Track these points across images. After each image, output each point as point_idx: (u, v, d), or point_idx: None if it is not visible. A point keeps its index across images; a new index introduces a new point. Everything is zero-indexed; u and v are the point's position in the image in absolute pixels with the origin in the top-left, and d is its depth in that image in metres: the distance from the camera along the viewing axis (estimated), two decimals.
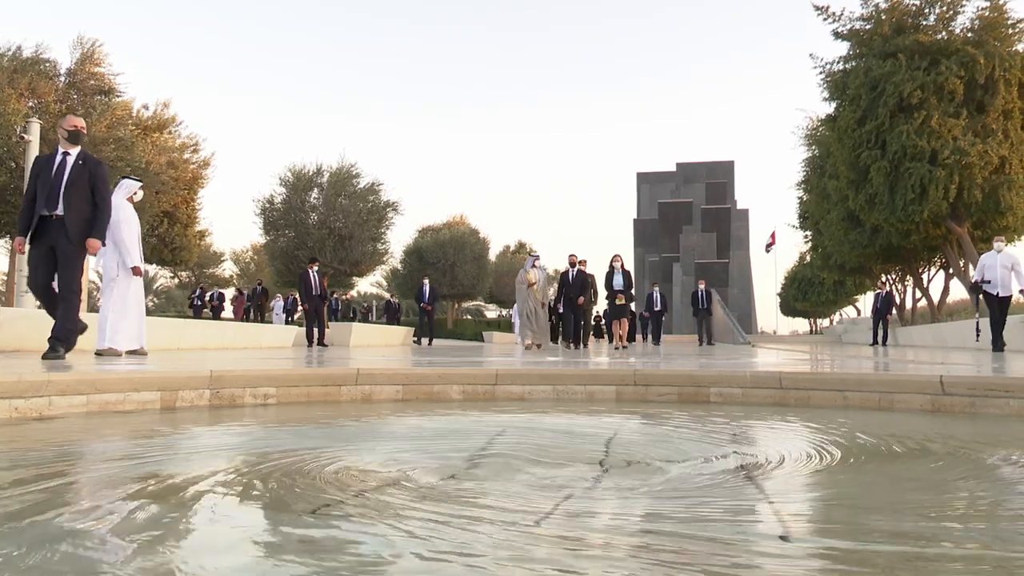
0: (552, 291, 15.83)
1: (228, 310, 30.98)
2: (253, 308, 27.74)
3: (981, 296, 11.94)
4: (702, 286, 21.27)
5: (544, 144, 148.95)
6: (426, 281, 20.83)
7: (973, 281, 12.05)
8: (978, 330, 13.20)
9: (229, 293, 33.76)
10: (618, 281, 14.52)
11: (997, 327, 11.60)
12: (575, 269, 14.57)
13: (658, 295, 23.34)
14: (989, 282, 11.57)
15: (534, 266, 14.70)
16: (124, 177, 8.05)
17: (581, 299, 14.49)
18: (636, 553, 1.46)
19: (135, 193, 7.75)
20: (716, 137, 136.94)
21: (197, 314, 28.09)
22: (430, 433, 3.40)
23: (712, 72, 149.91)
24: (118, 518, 1.70)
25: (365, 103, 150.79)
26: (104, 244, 6.43)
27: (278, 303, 28.36)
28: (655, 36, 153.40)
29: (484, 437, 3.06)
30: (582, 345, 14.91)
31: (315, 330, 16.24)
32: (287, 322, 28.19)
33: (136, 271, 7.57)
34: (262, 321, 26.03)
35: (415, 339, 20.72)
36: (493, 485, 2.10)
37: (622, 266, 14.72)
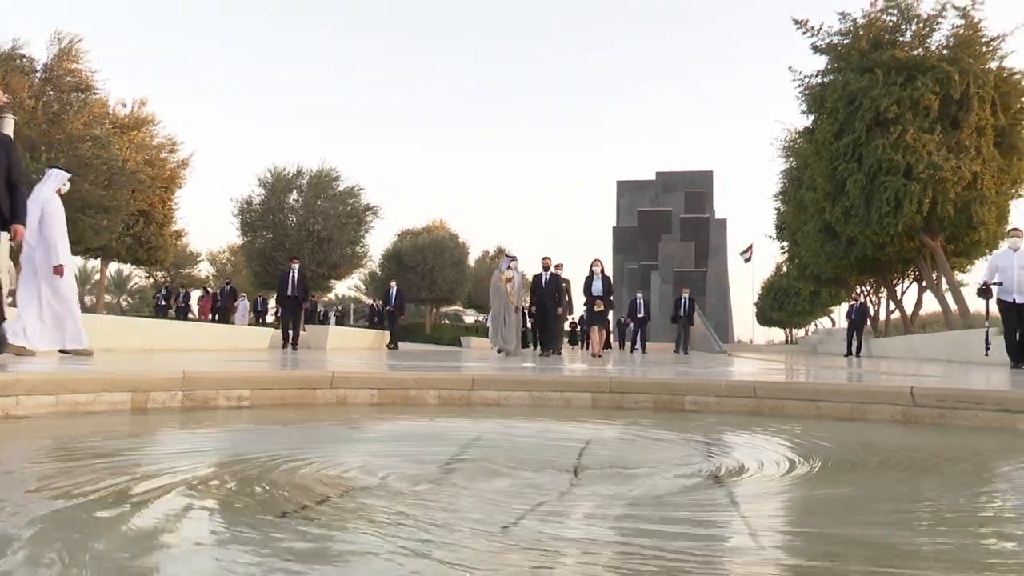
0: (526, 296, 15.28)
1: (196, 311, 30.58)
2: (222, 309, 27.31)
3: (992, 302, 9.98)
4: (686, 294, 20.81)
5: (524, 150, 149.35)
6: (393, 284, 20.39)
7: (982, 284, 10.15)
8: (987, 342, 11.24)
9: (197, 293, 33.31)
10: (597, 287, 13.86)
11: (1014, 339, 9.69)
12: (548, 273, 13.89)
13: (641, 302, 22.91)
14: (1001, 284, 9.76)
15: (509, 267, 13.96)
16: (52, 167, 7.34)
17: (560, 310, 13.97)
18: (607, 560, 1.46)
19: (64, 185, 7.17)
20: (696, 147, 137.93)
21: (161, 314, 27.66)
22: (405, 438, 3.39)
23: (692, 82, 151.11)
24: (81, 521, 1.68)
25: (345, 106, 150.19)
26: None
27: (241, 303, 27.95)
28: (636, 44, 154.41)
29: (459, 442, 3.05)
30: (554, 352, 14.25)
31: (290, 331, 15.66)
32: (259, 323, 27.85)
33: (58, 271, 6.92)
34: (228, 322, 25.57)
35: (391, 344, 20.04)
36: (467, 491, 2.10)
37: (602, 271, 14.08)
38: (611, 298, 14.31)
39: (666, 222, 63.87)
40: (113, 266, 32.75)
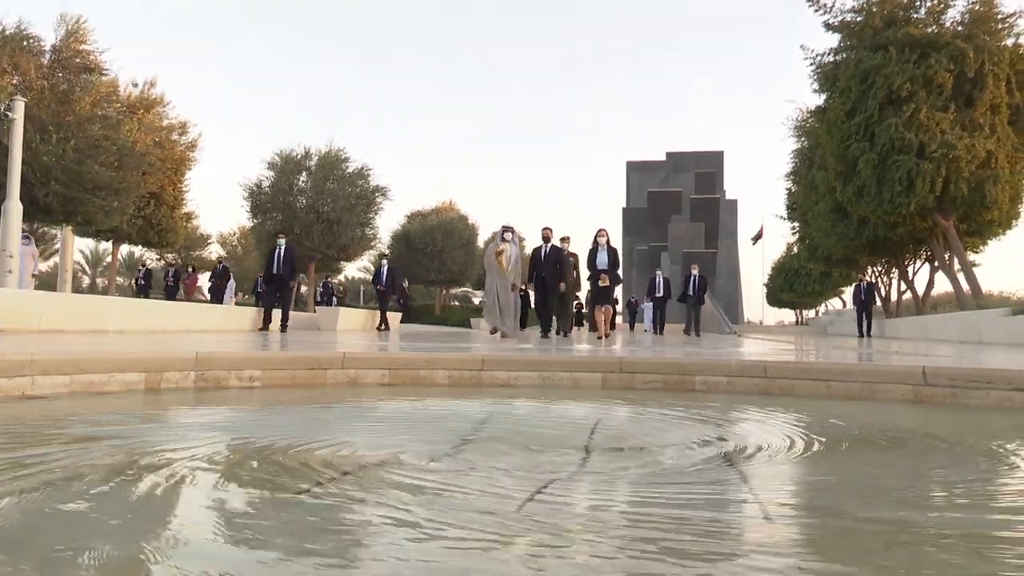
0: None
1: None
2: (215, 288, 26.58)
3: None
4: (695, 271, 19.44)
5: (534, 131, 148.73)
6: (384, 262, 19.25)
7: None
8: None
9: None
10: (602, 259, 12.23)
11: None
12: (548, 245, 12.20)
13: (661, 280, 20.97)
14: None
15: (504, 239, 12.05)
16: None
17: (562, 284, 12.20)
18: (619, 535, 1.47)
19: None
20: (706, 127, 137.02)
21: (143, 293, 27.11)
22: (417, 417, 3.40)
23: (703, 61, 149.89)
24: (107, 495, 1.70)
25: (354, 87, 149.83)
26: None
27: (230, 284, 27.42)
28: (646, 24, 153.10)
29: (470, 422, 3.07)
30: (563, 333, 12.99)
31: (272, 312, 14.02)
32: (258, 304, 27.19)
33: None
34: (220, 302, 24.56)
35: (381, 326, 18.84)
36: (480, 469, 2.11)
37: (607, 242, 12.41)
38: (618, 272, 12.73)
39: (676, 203, 63.58)
40: (124, 248, 32.86)
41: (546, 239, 12.29)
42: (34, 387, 3.65)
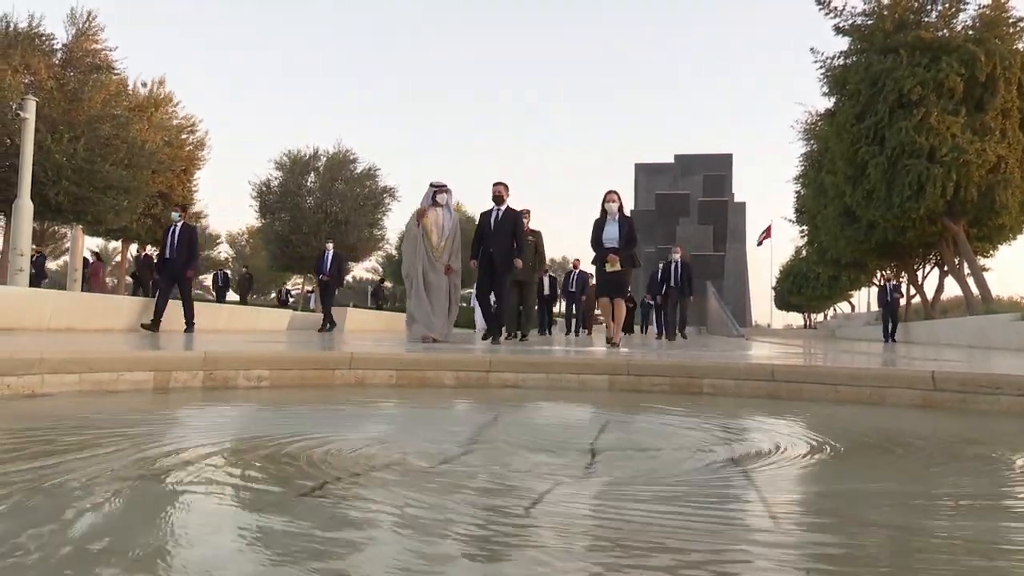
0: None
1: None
2: (136, 279, 24.59)
3: None
4: (677, 256, 15.94)
5: (541, 133, 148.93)
6: (329, 246, 16.32)
7: None
8: None
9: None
10: (611, 233, 8.57)
11: None
12: (502, 208, 8.86)
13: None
14: None
15: (435, 202, 8.32)
16: None
17: (518, 262, 8.96)
18: (626, 539, 1.47)
19: None
20: (715, 130, 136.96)
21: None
22: (424, 418, 3.41)
23: (712, 64, 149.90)
24: (108, 496, 1.71)
25: (364, 88, 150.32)
26: None
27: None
28: (656, 26, 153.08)
29: (477, 423, 3.07)
30: (521, 335, 10.50)
31: (164, 307, 10.61)
32: (219, 299, 26.25)
33: None
34: (145, 296, 21.70)
35: (325, 325, 15.43)
36: (485, 471, 2.11)
37: (620, 209, 8.73)
38: (634, 253, 8.88)
39: (684, 205, 63.50)
40: (133, 248, 32.90)
41: (498, 199, 8.93)
42: (44, 385, 3.67)
